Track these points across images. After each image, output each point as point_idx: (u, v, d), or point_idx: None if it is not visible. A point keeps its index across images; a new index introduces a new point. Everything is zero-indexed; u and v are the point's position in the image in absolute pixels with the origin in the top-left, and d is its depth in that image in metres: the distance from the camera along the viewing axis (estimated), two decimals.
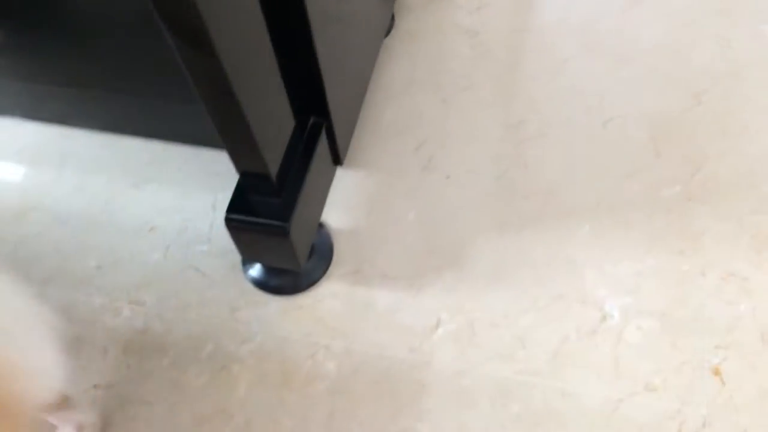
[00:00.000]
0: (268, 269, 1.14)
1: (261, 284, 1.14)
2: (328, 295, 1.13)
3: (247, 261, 1.16)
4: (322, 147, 1.04)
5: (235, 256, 1.17)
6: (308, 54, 0.91)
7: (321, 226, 1.18)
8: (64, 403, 0.81)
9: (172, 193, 1.25)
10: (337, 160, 1.14)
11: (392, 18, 1.40)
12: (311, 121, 1.02)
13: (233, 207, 0.97)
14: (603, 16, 1.39)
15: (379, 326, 1.09)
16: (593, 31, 1.37)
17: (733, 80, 1.27)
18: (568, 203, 1.18)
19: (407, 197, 1.21)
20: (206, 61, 0.72)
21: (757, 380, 1.00)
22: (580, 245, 1.13)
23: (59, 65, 1.16)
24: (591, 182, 1.20)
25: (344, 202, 1.21)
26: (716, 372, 1.00)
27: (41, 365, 0.66)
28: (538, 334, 1.06)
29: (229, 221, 0.97)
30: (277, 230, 0.95)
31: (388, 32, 1.38)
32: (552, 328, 1.06)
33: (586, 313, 1.07)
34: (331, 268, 1.15)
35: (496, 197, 1.20)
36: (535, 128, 1.26)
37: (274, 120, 0.91)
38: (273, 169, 0.93)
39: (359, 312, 1.11)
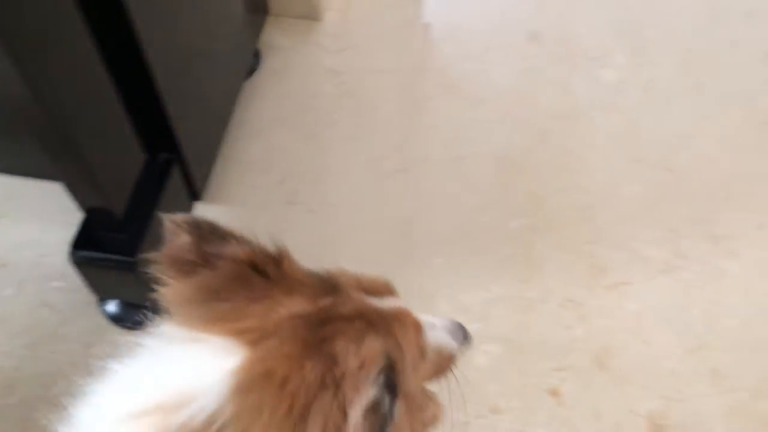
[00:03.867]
0: (125, 303, 1.13)
1: (119, 319, 1.13)
2: None
3: (104, 296, 1.14)
4: (174, 183, 1.05)
5: (92, 292, 1.15)
6: (151, 94, 0.93)
7: None
8: None
9: (28, 228, 1.22)
10: (195, 195, 1.15)
11: (258, 56, 1.43)
12: (162, 157, 1.03)
13: (79, 243, 0.96)
14: (462, 60, 1.48)
15: None
16: (452, 74, 1.45)
17: (573, 121, 1.38)
18: (424, 234, 1.23)
19: (269, 231, 1.22)
20: (35, 106, 0.72)
21: (591, 400, 1.07)
22: (434, 275, 1.19)
23: None
24: (445, 215, 1.26)
25: None
26: (555, 393, 1.07)
27: None
28: None
29: (74, 257, 0.96)
30: (124, 266, 0.95)
31: (253, 71, 1.41)
32: None
33: None
34: None
35: (357, 230, 1.24)
36: (396, 164, 1.32)
37: (117, 157, 0.92)
38: (118, 205, 0.93)
39: None
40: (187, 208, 1.16)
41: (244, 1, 1.28)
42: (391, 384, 0.44)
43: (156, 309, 1.08)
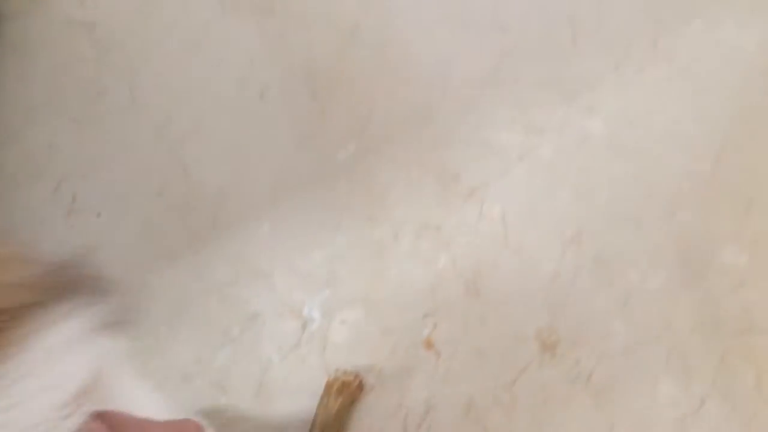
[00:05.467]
0: None
1: None
2: None
3: None
4: None
5: None
6: None
7: None
8: None
9: None
10: None
11: None
12: None
13: None
14: None
15: None
16: None
17: (385, 5, 1.14)
18: (241, 203, 1.03)
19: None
20: None
21: (470, 340, 0.93)
22: (263, 248, 0.99)
23: None
24: (260, 168, 1.05)
25: None
26: (429, 344, 0.92)
27: None
28: (238, 370, 0.93)
29: None
30: None
31: None
32: (252, 358, 0.93)
33: (286, 326, 0.95)
34: None
35: (161, 219, 1.02)
36: (187, 122, 1.08)
37: None
38: None
39: None
40: None
41: None
42: None
43: None
